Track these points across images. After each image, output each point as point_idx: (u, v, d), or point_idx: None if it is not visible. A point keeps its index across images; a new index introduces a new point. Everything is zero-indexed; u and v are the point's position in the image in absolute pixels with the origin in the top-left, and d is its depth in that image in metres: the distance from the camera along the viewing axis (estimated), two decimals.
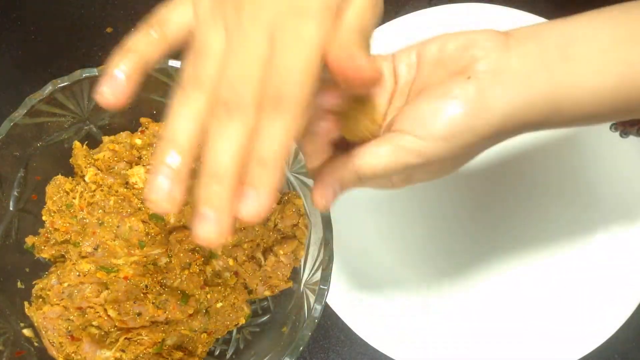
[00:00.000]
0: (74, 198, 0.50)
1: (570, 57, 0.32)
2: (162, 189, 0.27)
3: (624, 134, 0.54)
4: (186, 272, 0.50)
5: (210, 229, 0.26)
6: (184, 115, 0.28)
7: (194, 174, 0.28)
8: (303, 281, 0.49)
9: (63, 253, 0.51)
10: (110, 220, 0.49)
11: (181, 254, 0.49)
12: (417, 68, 0.36)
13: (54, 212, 0.50)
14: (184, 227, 0.50)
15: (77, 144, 0.52)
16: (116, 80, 0.30)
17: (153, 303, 0.48)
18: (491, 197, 0.59)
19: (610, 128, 0.55)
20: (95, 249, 0.49)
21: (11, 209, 0.49)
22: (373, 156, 0.34)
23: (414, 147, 0.33)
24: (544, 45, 0.33)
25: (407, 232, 0.59)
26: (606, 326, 0.55)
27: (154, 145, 0.52)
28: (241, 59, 0.27)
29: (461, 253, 0.59)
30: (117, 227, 0.49)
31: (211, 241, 0.26)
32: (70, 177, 0.52)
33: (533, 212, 0.59)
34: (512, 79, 0.32)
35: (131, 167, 0.51)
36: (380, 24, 0.61)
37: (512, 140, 0.35)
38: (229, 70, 0.27)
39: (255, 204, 0.26)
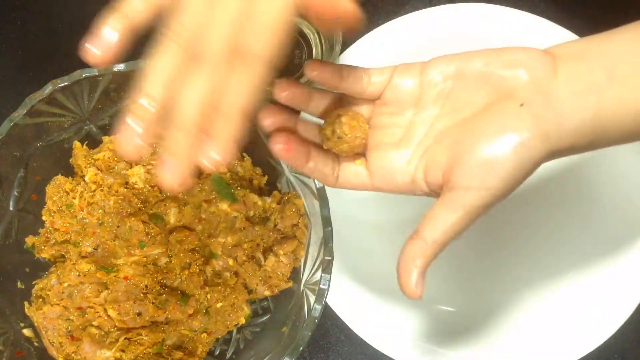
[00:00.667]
0: (74, 198, 0.50)
1: (617, 78, 0.32)
2: (131, 137, 0.28)
3: None
4: (186, 272, 0.49)
5: (170, 175, 0.27)
6: (159, 67, 0.29)
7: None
8: (303, 281, 0.49)
9: (63, 253, 0.51)
10: (110, 220, 0.49)
11: (181, 254, 0.49)
12: (456, 80, 0.35)
13: (54, 212, 0.50)
14: (184, 227, 0.50)
15: (77, 144, 0.52)
16: (104, 39, 0.31)
17: (153, 303, 0.48)
18: None
19: None
20: (95, 249, 0.49)
21: (11, 209, 0.49)
22: (446, 226, 0.34)
23: (484, 201, 0.33)
24: (590, 67, 0.32)
25: (407, 232, 0.59)
26: (606, 326, 0.55)
27: (154, 145, 0.52)
28: (216, 16, 0.29)
29: (461, 253, 0.59)
30: (117, 227, 0.49)
31: (172, 186, 0.27)
32: (70, 177, 0.52)
33: (533, 212, 0.59)
34: (562, 103, 0.32)
35: (131, 167, 0.51)
36: (380, 24, 0.62)
37: None
38: (204, 26, 0.29)
39: (215, 153, 0.28)
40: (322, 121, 0.38)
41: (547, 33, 0.59)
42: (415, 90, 0.36)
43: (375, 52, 0.61)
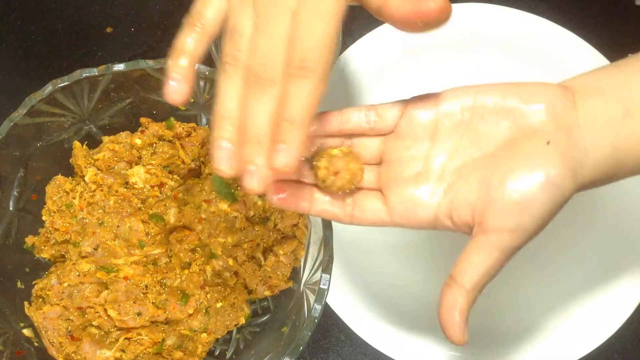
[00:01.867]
0: (74, 198, 0.50)
1: (632, 112, 0.32)
2: (225, 157, 0.32)
3: None
4: (186, 272, 0.50)
5: (254, 182, 0.31)
6: (229, 93, 0.32)
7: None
8: (303, 281, 0.49)
9: (63, 253, 0.51)
10: (110, 220, 0.49)
11: (181, 254, 0.49)
12: (474, 113, 0.35)
13: (54, 212, 0.50)
14: (184, 227, 0.50)
15: (77, 144, 0.52)
16: (177, 81, 0.35)
17: (153, 303, 0.48)
18: None
19: None
20: (95, 249, 0.49)
21: (11, 209, 0.49)
22: (483, 270, 0.34)
23: (520, 241, 0.33)
24: (606, 102, 0.33)
25: (407, 232, 0.59)
26: (606, 326, 0.55)
27: (154, 145, 0.52)
28: (267, 36, 0.32)
29: (461, 252, 0.59)
30: (117, 227, 0.49)
31: (256, 190, 0.31)
32: (70, 177, 0.52)
33: None
34: (584, 140, 0.32)
35: (131, 167, 0.51)
36: (380, 24, 0.62)
37: None
38: (258, 47, 0.32)
39: (287, 157, 0.31)
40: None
41: (547, 33, 0.59)
42: (431, 122, 0.36)
43: (376, 51, 0.61)
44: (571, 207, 0.59)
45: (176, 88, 0.35)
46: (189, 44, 0.36)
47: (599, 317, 0.55)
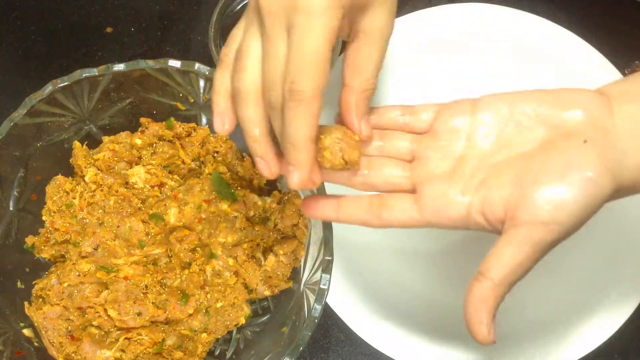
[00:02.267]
0: (74, 198, 0.50)
1: None
2: (266, 169, 0.36)
3: None
4: (186, 272, 0.50)
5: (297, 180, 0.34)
6: (252, 119, 0.35)
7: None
8: (303, 281, 0.49)
9: (63, 253, 0.51)
10: (110, 220, 0.49)
11: (181, 254, 0.49)
12: (509, 121, 0.35)
13: (54, 212, 0.50)
14: (185, 227, 0.50)
15: (77, 144, 0.52)
16: (221, 118, 0.38)
17: (153, 303, 0.48)
18: None
19: None
20: (95, 249, 0.49)
21: (11, 209, 0.49)
22: (514, 264, 0.33)
23: (552, 236, 0.32)
24: None
25: (407, 232, 0.59)
26: (606, 326, 0.55)
27: (154, 145, 0.52)
28: (269, 63, 0.34)
29: (462, 253, 0.59)
30: (117, 227, 0.49)
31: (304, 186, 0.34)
32: (70, 177, 0.52)
33: None
34: (624, 142, 0.32)
35: (131, 167, 0.51)
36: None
37: None
38: (264, 74, 0.34)
39: (298, 176, 0.34)
40: None
41: (547, 33, 0.59)
42: (466, 127, 0.36)
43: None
44: None
45: (223, 122, 0.38)
46: (225, 82, 0.37)
47: (599, 317, 0.55)
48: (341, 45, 0.61)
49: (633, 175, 0.33)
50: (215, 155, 0.54)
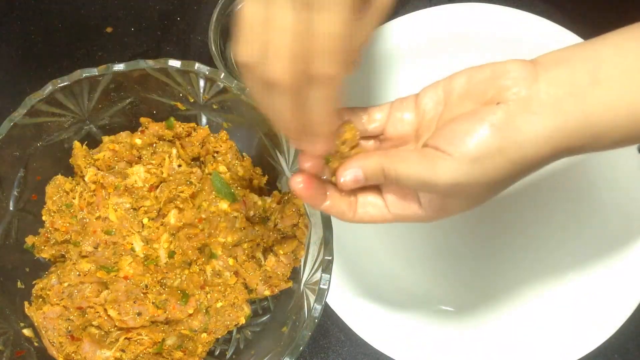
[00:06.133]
0: (73, 198, 0.50)
1: (601, 80, 0.32)
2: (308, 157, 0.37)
3: None
4: (186, 272, 0.50)
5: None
6: (283, 114, 0.34)
7: None
8: (303, 281, 0.49)
9: (63, 253, 0.51)
10: (114, 200, 0.49)
11: (189, 251, 0.49)
12: (445, 102, 0.36)
13: (54, 212, 0.50)
14: (191, 225, 0.50)
15: (77, 144, 0.52)
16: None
17: (153, 303, 0.48)
18: (494, 199, 0.59)
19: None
20: (96, 248, 0.49)
21: (11, 209, 0.49)
22: (402, 161, 0.35)
23: (444, 165, 0.33)
24: (572, 71, 0.33)
25: (407, 232, 0.59)
26: (606, 326, 0.55)
27: (154, 145, 0.52)
28: (283, 48, 0.32)
29: (461, 253, 0.59)
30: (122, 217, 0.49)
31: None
32: (70, 177, 0.52)
33: (534, 212, 0.59)
34: (543, 106, 0.32)
35: (131, 166, 0.51)
36: (380, 24, 0.61)
37: None
38: (276, 64, 0.33)
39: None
40: None
41: (547, 33, 0.59)
42: (413, 122, 0.38)
43: (376, 52, 0.61)
44: (572, 207, 0.59)
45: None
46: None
47: (599, 317, 0.55)
48: None
49: (551, 140, 0.33)
50: (215, 155, 0.54)
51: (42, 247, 0.51)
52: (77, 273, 0.49)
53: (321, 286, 0.45)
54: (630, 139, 0.34)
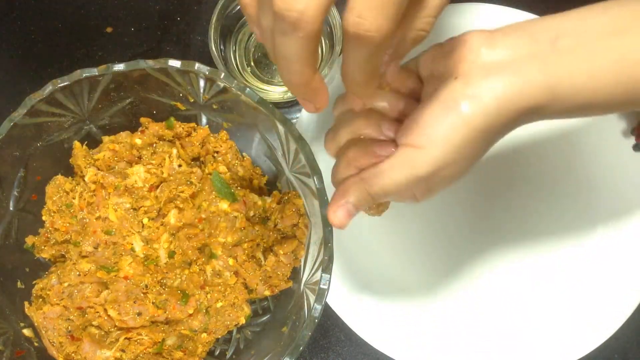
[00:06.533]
0: (73, 198, 0.50)
1: (562, 49, 0.33)
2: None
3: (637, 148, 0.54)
4: (186, 272, 0.50)
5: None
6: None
7: None
8: (303, 281, 0.49)
9: (63, 253, 0.51)
10: (114, 200, 0.49)
11: (189, 251, 0.49)
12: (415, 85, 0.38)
13: (54, 212, 0.50)
14: (191, 225, 0.50)
15: (77, 144, 0.52)
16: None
17: (153, 303, 0.48)
18: (492, 198, 0.59)
19: (632, 132, 0.55)
20: (96, 248, 0.49)
21: (11, 209, 0.49)
22: (382, 176, 0.35)
23: (419, 159, 0.34)
24: (532, 38, 0.33)
25: (406, 232, 0.59)
26: (606, 326, 0.55)
27: (154, 145, 0.52)
28: None
29: (461, 252, 0.59)
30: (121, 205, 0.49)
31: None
32: (70, 177, 0.52)
33: (534, 213, 0.59)
34: (501, 67, 0.33)
35: (131, 166, 0.51)
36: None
37: (514, 139, 0.35)
38: None
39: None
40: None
41: None
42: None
43: None
44: (572, 206, 0.59)
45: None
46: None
47: (599, 317, 0.55)
48: (342, 44, 0.61)
49: (511, 103, 0.33)
50: (215, 155, 0.54)
51: (42, 247, 0.51)
52: (77, 273, 0.49)
53: (321, 286, 0.45)
54: (593, 106, 0.34)
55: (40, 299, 0.49)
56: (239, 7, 0.60)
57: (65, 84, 0.47)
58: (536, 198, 0.59)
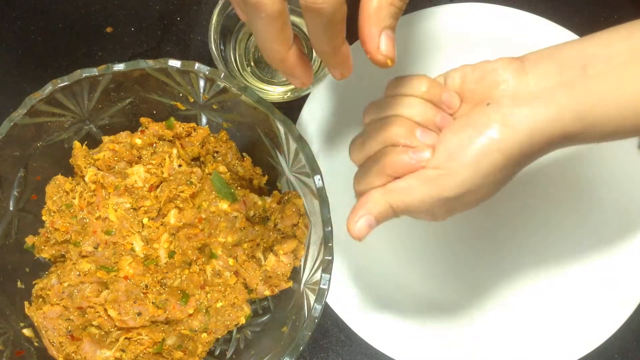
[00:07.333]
0: (73, 198, 0.50)
1: (591, 75, 0.33)
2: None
3: None
4: (186, 272, 0.50)
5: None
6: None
7: None
8: (303, 281, 0.49)
9: (63, 253, 0.51)
10: (114, 200, 0.49)
11: (189, 251, 0.49)
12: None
13: (54, 212, 0.50)
14: (191, 225, 0.50)
15: (77, 144, 0.52)
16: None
17: (153, 303, 0.48)
18: (493, 199, 0.59)
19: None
20: (96, 248, 0.49)
21: (11, 209, 0.49)
22: (408, 192, 0.36)
23: (448, 181, 0.34)
24: (561, 65, 0.34)
25: (407, 232, 0.59)
26: (606, 326, 0.55)
27: (154, 145, 0.52)
28: None
29: (461, 253, 0.59)
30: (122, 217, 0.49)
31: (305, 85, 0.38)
32: (70, 177, 0.52)
33: (533, 213, 0.59)
34: (534, 97, 0.33)
35: (131, 166, 0.51)
36: None
37: None
38: None
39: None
40: None
41: (547, 33, 0.59)
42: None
43: None
44: (572, 207, 0.59)
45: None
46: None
47: (599, 317, 0.55)
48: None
49: (543, 131, 0.33)
50: (215, 155, 0.54)
51: (42, 247, 0.51)
52: (77, 273, 0.49)
53: (321, 286, 0.45)
54: (623, 131, 0.34)
55: (40, 299, 0.49)
56: None
57: (65, 84, 0.47)
58: (536, 200, 0.59)
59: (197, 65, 0.47)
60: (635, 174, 0.57)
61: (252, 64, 0.61)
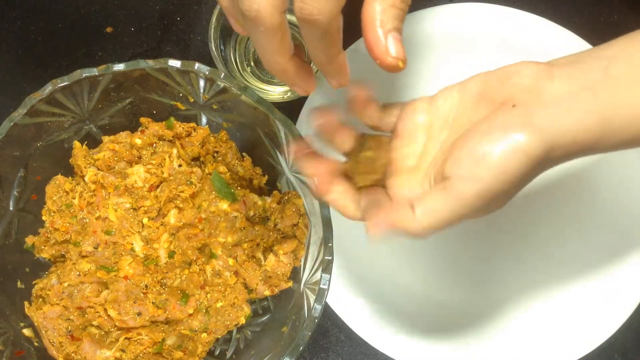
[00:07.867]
0: (73, 198, 0.50)
1: (613, 76, 0.32)
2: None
3: None
4: (186, 271, 0.50)
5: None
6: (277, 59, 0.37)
7: None
8: (303, 281, 0.49)
9: (63, 253, 0.51)
10: (114, 200, 0.49)
11: (189, 251, 0.49)
12: (459, 106, 0.36)
13: (54, 212, 0.50)
14: (191, 225, 0.50)
15: (77, 144, 0.52)
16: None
17: (153, 303, 0.48)
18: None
19: None
20: (96, 248, 0.49)
21: (11, 209, 0.49)
22: (432, 213, 0.34)
23: (474, 191, 0.33)
24: (585, 68, 0.33)
25: None
26: (606, 326, 0.55)
27: (154, 145, 0.52)
28: None
29: (462, 252, 0.59)
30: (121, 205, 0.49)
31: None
32: (70, 177, 0.52)
33: (535, 213, 0.59)
34: (557, 101, 0.33)
35: (131, 166, 0.51)
36: None
37: None
38: None
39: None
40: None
41: (547, 33, 0.59)
42: (425, 124, 0.38)
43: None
44: (573, 208, 0.59)
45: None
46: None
47: (599, 317, 0.55)
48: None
49: (569, 134, 0.33)
50: (215, 155, 0.54)
51: (42, 247, 0.51)
52: (77, 273, 0.49)
53: (321, 286, 0.45)
54: None
55: (40, 299, 0.49)
56: None
57: (65, 84, 0.47)
58: (539, 199, 0.59)
59: (197, 65, 0.47)
60: (636, 177, 0.57)
61: (252, 64, 0.61)
